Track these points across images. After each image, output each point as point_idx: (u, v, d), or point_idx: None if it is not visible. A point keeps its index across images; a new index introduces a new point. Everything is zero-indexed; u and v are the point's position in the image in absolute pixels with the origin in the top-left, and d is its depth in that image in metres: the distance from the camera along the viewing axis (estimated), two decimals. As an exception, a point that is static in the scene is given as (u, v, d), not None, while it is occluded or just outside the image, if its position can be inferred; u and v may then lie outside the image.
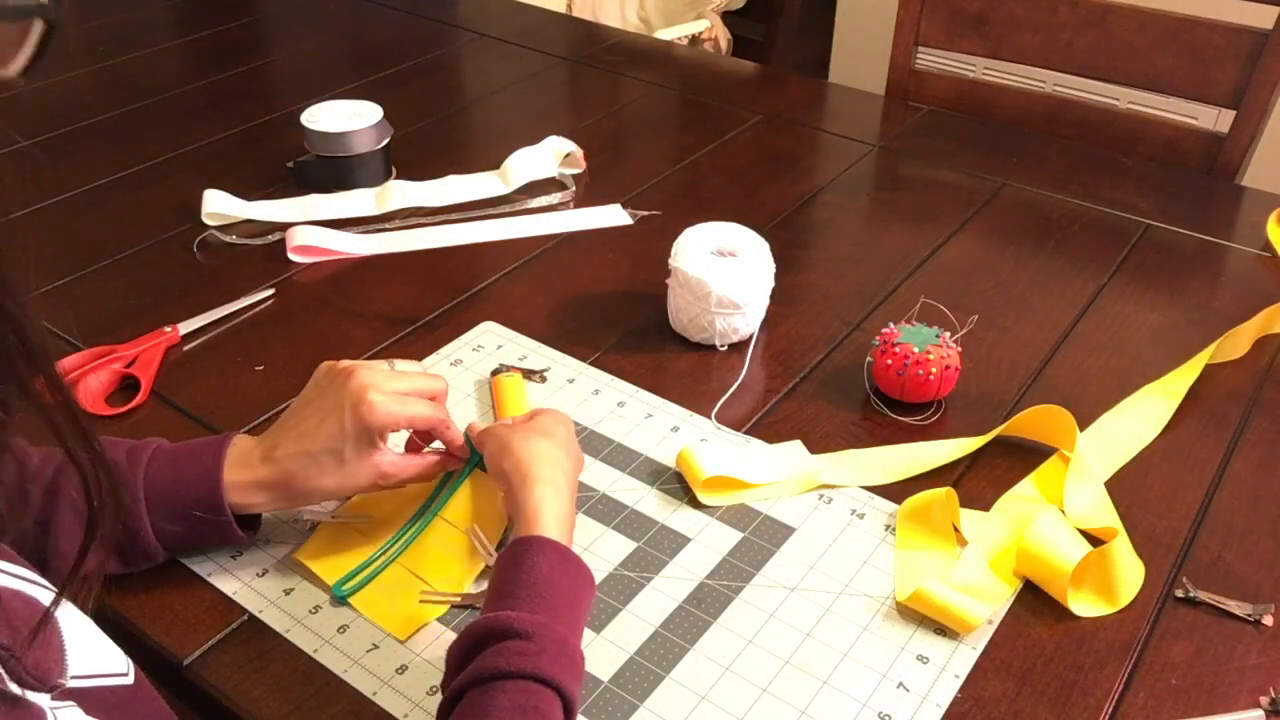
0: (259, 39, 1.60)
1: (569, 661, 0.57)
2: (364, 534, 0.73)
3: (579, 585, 0.63)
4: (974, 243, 1.09)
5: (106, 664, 0.50)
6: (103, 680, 0.49)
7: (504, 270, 1.05)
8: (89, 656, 0.48)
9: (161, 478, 0.68)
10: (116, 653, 0.51)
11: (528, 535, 0.63)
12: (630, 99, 1.41)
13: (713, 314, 0.90)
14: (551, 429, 0.71)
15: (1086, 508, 0.76)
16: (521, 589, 0.60)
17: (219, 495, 0.67)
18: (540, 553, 0.62)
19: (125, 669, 0.51)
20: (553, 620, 0.58)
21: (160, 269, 1.05)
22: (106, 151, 1.26)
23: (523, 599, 0.59)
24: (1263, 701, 0.63)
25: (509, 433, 0.71)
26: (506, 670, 0.55)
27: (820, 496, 0.78)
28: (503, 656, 0.55)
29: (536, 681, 0.55)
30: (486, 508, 0.73)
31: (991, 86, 1.43)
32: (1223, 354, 0.91)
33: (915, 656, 0.67)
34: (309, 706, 0.64)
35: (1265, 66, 1.22)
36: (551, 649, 0.56)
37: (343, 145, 1.14)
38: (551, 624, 0.58)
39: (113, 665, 0.50)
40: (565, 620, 0.59)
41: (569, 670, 0.57)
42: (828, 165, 1.24)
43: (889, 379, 0.85)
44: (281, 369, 0.91)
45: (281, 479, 0.68)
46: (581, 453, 0.74)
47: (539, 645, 0.56)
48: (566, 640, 0.58)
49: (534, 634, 0.56)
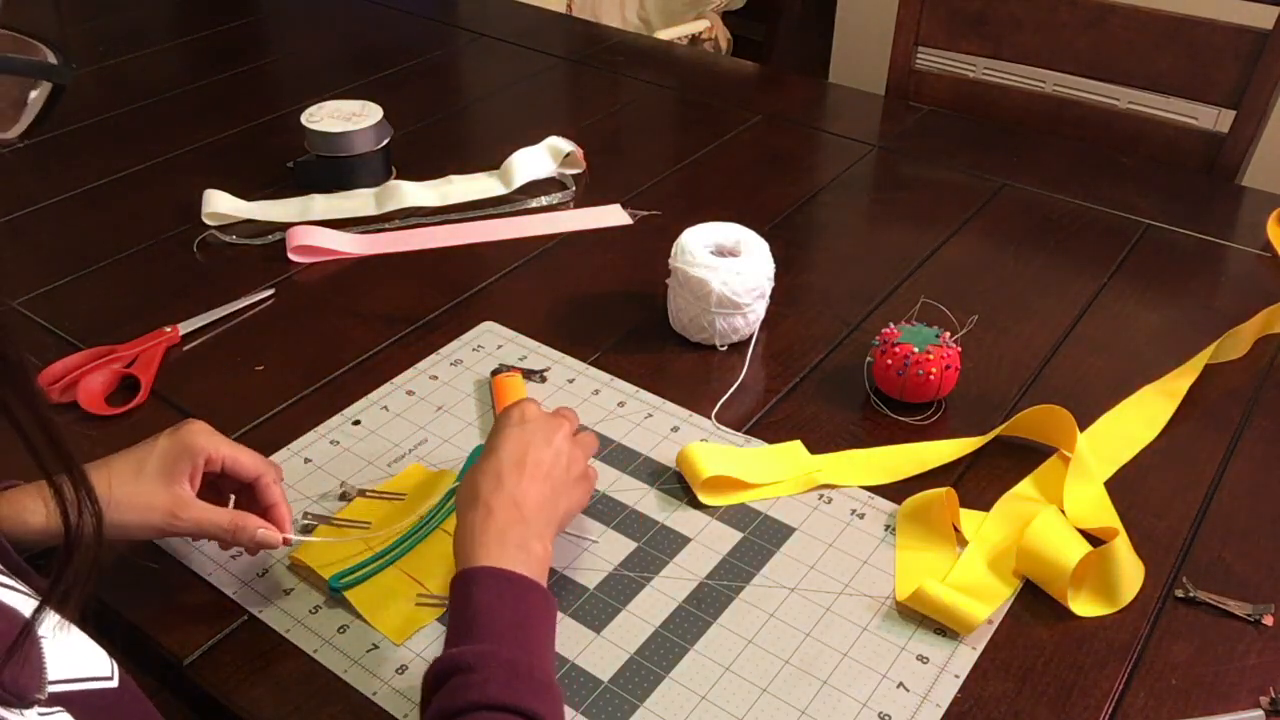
0: (259, 39, 1.60)
1: (524, 682, 0.56)
2: (364, 541, 0.73)
3: (526, 605, 0.60)
4: (974, 243, 1.09)
5: (91, 668, 0.49)
6: (88, 684, 0.48)
7: (504, 270, 1.05)
8: (73, 661, 0.48)
9: None
10: (101, 656, 0.50)
11: (460, 569, 0.61)
12: (630, 99, 1.41)
13: (713, 314, 0.90)
14: (494, 452, 0.67)
15: (1086, 508, 0.76)
16: (463, 624, 0.58)
17: None
18: (474, 583, 0.60)
19: (110, 672, 0.50)
20: (497, 645, 0.57)
21: (160, 269, 1.05)
22: (106, 151, 1.26)
23: (465, 633, 0.58)
24: (1263, 701, 0.64)
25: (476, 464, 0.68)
26: (459, 707, 0.54)
27: (820, 496, 0.78)
28: (456, 694, 0.55)
29: (490, 709, 0.54)
30: None
31: (991, 86, 1.43)
32: (1223, 354, 0.91)
33: (915, 656, 0.67)
34: (309, 706, 0.64)
35: (1265, 66, 1.21)
36: (500, 674, 0.55)
37: (343, 145, 1.14)
38: (495, 649, 0.56)
39: (98, 669, 0.50)
40: (511, 641, 0.58)
41: (527, 689, 0.55)
42: (828, 165, 1.24)
43: (889, 379, 0.85)
44: (281, 369, 0.91)
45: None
46: (564, 441, 0.69)
47: (483, 675, 0.55)
48: (517, 661, 0.56)
49: (475, 665, 0.55)
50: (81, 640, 0.50)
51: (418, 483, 0.79)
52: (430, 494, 0.77)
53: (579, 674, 0.65)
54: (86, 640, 0.50)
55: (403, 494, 0.78)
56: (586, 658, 0.66)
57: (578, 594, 0.70)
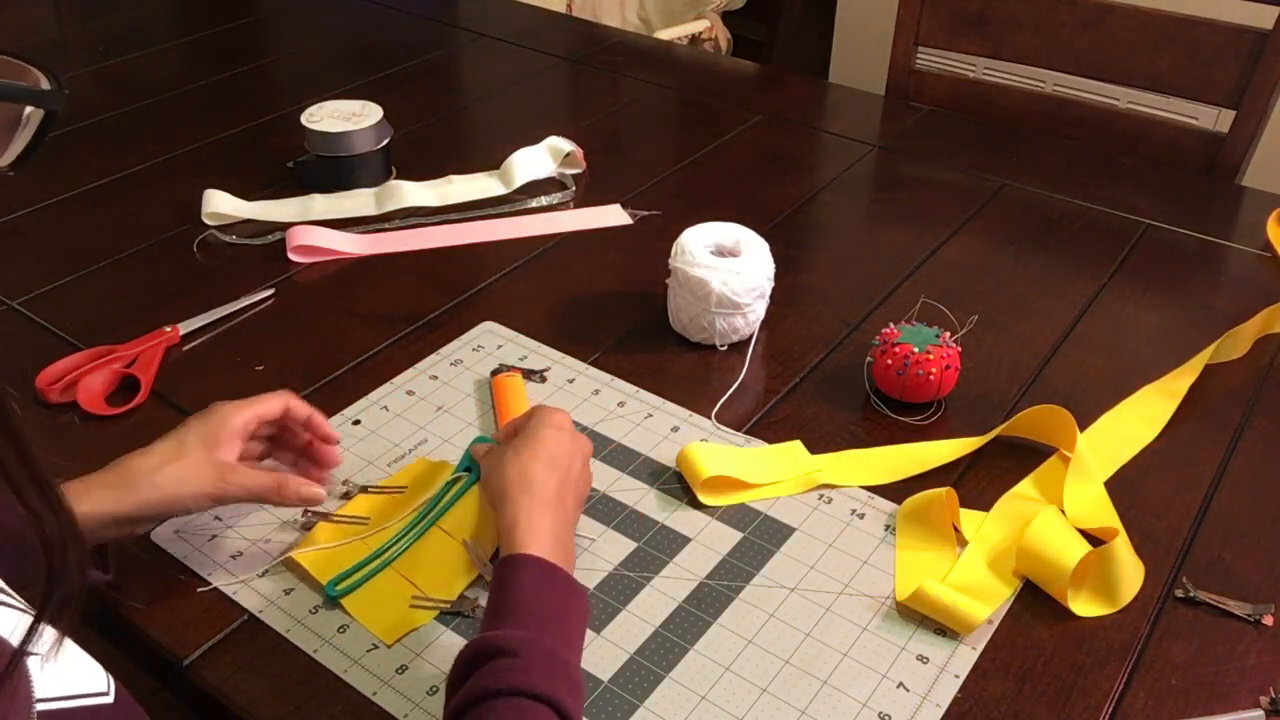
0: (259, 39, 1.60)
1: (560, 674, 0.56)
2: (361, 539, 0.73)
3: (567, 600, 0.62)
4: (974, 243, 1.09)
5: (87, 683, 0.49)
6: (83, 701, 0.48)
7: (504, 270, 1.05)
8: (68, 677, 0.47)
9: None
10: (97, 670, 0.50)
11: (509, 553, 0.63)
12: (630, 99, 1.41)
13: (713, 314, 0.90)
14: (543, 444, 0.69)
15: (1086, 508, 0.76)
16: (507, 607, 0.59)
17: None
18: (523, 569, 0.61)
19: (106, 687, 0.50)
20: (540, 634, 0.58)
21: (160, 269, 1.05)
22: (106, 151, 1.26)
23: (508, 617, 0.59)
24: (1263, 701, 0.64)
25: (502, 453, 0.70)
26: (496, 689, 0.54)
27: (820, 496, 0.78)
28: (492, 676, 0.55)
29: (525, 697, 0.54)
30: (484, 522, 0.73)
31: (991, 86, 1.43)
32: (1223, 354, 0.91)
33: (915, 656, 0.67)
34: (309, 706, 0.64)
35: (1265, 66, 1.21)
36: (539, 664, 0.56)
37: (343, 145, 1.14)
38: (539, 638, 0.57)
39: (93, 684, 0.49)
40: (553, 633, 0.59)
41: (561, 682, 0.56)
42: (828, 165, 1.24)
43: (889, 379, 0.85)
44: (281, 369, 0.91)
45: (119, 474, 0.67)
46: (585, 465, 0.72)
47: (526, 661, 0.55)
48: (556, 653, 0.57)
49: (520, 650, 0.56)
50: (76, 655, 0.49)
51: (418, 474, 0.79)
52: (429, 485, 0.77)
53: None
54: (81, 655, 0.49)
55: (404, 486, 0.78)
56: (586, 658, 0.66)
57: (578, 594, 0.71)
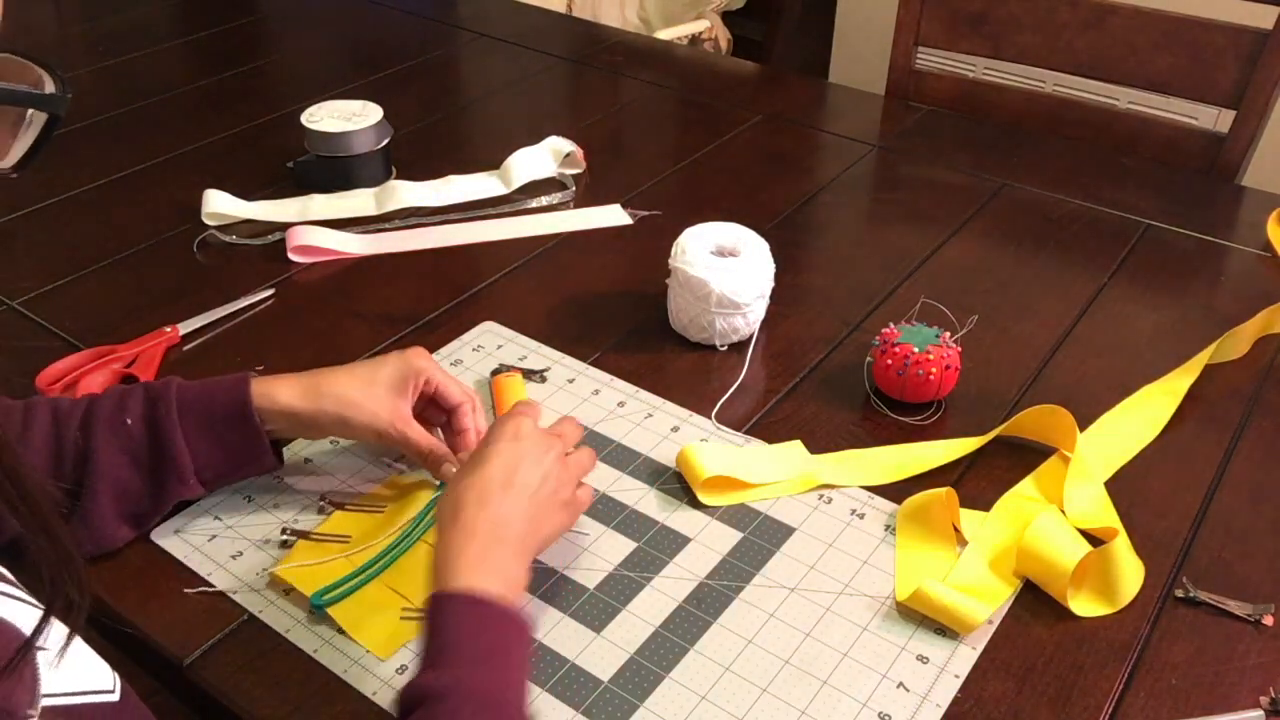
0: (259, 39, 1.60)
1: (494, 714, 0.55)
2: (345, 556, 0.72)
3: (500, 632, 0.59)
4: (974, 243, 1.09)
5: (93, 681, 0.49)
6: (89, 698, 0.48)
7: (504, 270, 1.05)
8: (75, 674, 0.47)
9: (191, 391, 0.72)
10: (104, 669, 0.50)
11: (436, 589, 0.60)
12: (630, 99, 1.41)
13: (713, 314, 0.90)
14: (486, 462, 0.65)
15: (1086, 508, 0.76)
16: (434, 649, 0.57)
17: (245, 393, 0.71)
18: (447, 608, 0.59)
19: (112, 686, 0.50)
20: (469, 674, 0.56)
21: (160, 269, 1.05)
22: (106, 151, 1.26)
23: (436, 660, 0.57)
24: (1263, 701, 0.63)
25: (460, 472, 0.67)
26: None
27: (820, 496, 0.78)
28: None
29: None
30: None
31: (991, 86, 1.43)
32: (1223, 354, 0.91)
33: (915, 656, 0.67)
34: (309, 706, 0.64)
35: (1265, 66, 1.21)
36: (468, 707, 0.54)
37: (343, 145, 1.14)
38: (466, 679, 0.56)
39: (100, 683, 0.49)
40: (485, 671, 0.57)
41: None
42: (828, 165, 1.24)
43: (889, 379, 0.85)
44: (281, 369, 0.90)
45: (309, 380, 0.73)
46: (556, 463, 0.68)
47: (454, 705, 0.54)
48: (487, 693, 0.56)
49: (447, 695, 0.54)
50: (84, 652, 0.49)
51: (396, 493, 0.78)
52: (410, 505, 0.76)
53: (579, 674, 0.65)
54: (89, 652, 0.50)
55: (382, 506, 0.77)
56: (586, 658, 0.66)
57: (578, 594, 0.70)
